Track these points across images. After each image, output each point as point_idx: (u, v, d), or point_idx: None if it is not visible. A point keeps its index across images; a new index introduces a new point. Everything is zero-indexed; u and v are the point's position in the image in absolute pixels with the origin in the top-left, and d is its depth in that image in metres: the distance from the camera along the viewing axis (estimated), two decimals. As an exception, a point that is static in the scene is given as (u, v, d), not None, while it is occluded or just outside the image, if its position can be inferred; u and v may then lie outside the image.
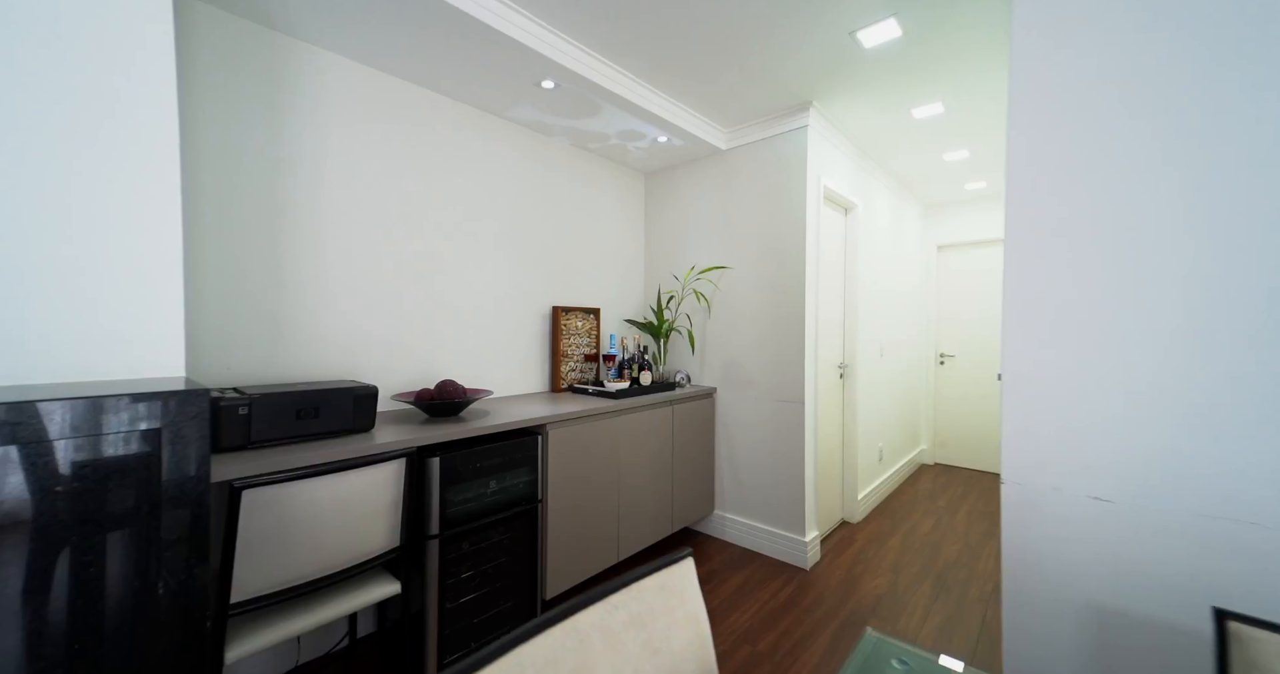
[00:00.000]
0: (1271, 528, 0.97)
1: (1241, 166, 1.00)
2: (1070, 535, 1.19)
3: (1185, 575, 1.05)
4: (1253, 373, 0.99)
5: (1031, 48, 1.24)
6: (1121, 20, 1.13)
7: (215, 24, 1.66)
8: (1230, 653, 0.64)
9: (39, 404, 0.88)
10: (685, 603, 0.81)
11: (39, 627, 0.91)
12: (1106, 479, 1.15)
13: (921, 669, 0.78)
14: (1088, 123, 1.17)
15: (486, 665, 0.58)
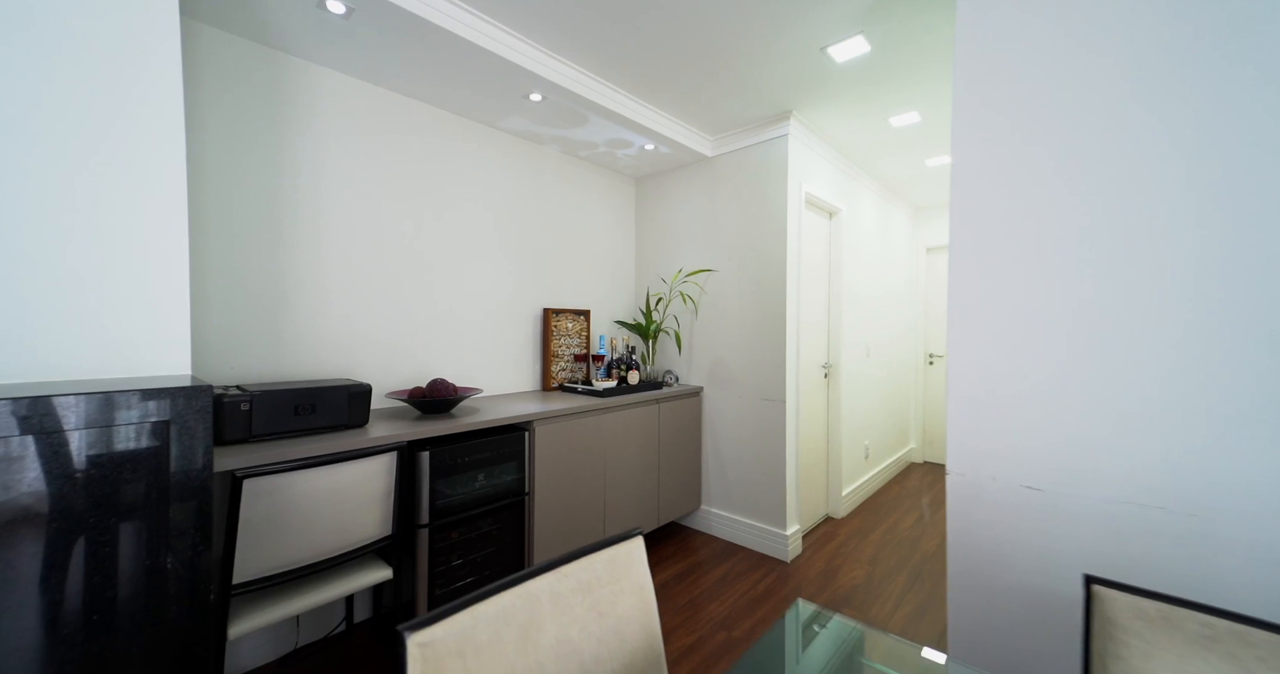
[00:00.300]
0: (1174, 511, 1.06)
1: (1159, 182, 1.09)
2: (1006, 521, 1.28)
3: (1103, 555, 1.14)
4: (1164, 374, 1.09)
5: (973, 65, 1.33)
6: (1056, 39, 1.22)
7: (217, 44, 1.77)
8: (1093, 610, 0.74)
9: (57, 399, 0.99)
10: (632, 574, 0.91)
11: (60, 600, 1.02)
12: (1037, 470, 1.24)
13: (835, 629, 0.88)
14: (1017, 144, 1.26)
15: (445, 618, 0.68)
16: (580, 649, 0.80)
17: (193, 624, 1.18)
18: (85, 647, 1.04)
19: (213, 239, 1.76)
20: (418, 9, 1.69)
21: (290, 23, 1.74)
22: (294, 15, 1.70)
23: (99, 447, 1.06)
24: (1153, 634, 0.69)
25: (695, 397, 3.07)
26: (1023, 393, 1.26)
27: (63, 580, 1.03)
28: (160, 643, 1.14)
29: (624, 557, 0.92)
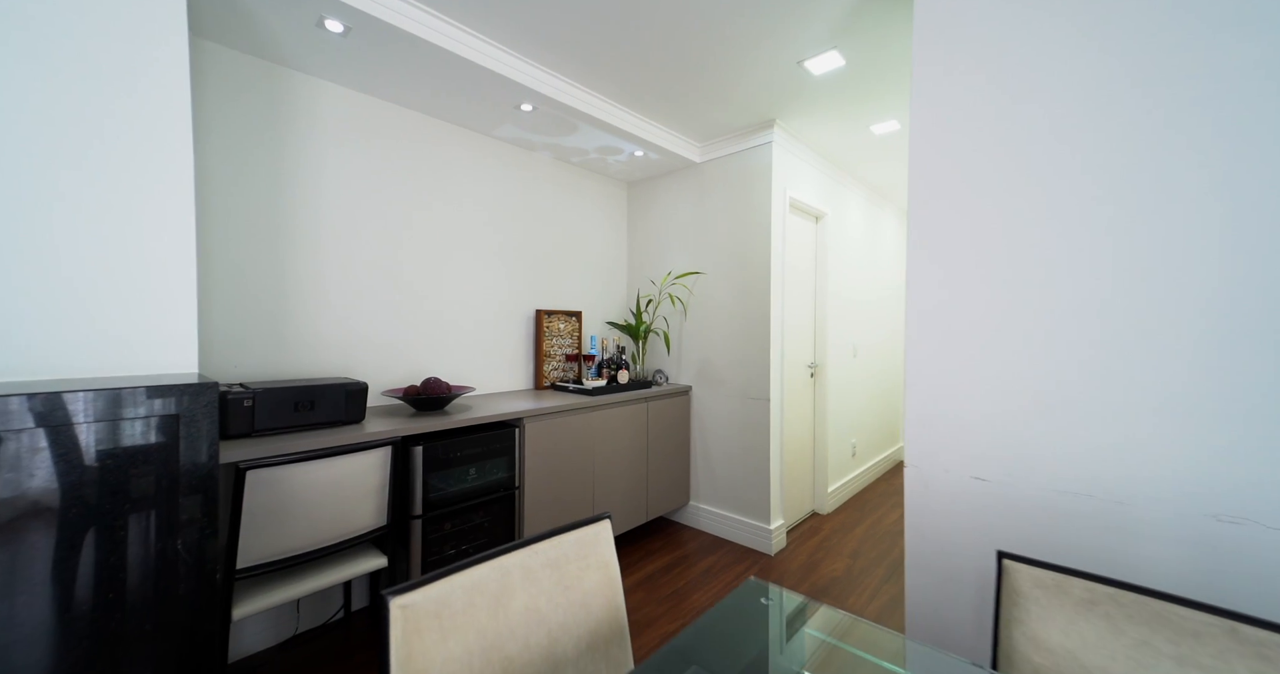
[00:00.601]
0: (1101, 498, 1.15)
1: (1096, 196, 1.19)
2: (956, 509, 1.37)
3: (1041, 539, 1.23)
4: (1091, 374, 1.18)
5: (928, 82, 1.43)
6: (1003, 64, 1.31)
7: (222, 60, 1.87)
8: (1003, 581, 0.83)
9: (79, 394, 1.09)
10: (599, 553, 1.01)
11: (78, 580, 1.12)
12: (984, 462, 1.34)
13: (781, 602, 0.97)
14: (969, 163, 1.36)
15: (424, 585, 0.78)
16: (548, 617, 0.90)
17: (200, 603, 1.27)
18: (102, 623, 1.14)
19: (217, 245, 1.86)
20: (411, 27, 1.78)
21: (291, 40, 1.84)
22: (294, 33, 1.80)
23: (114, 439, 1.15)
24: (1048, 600, 0.78)
25: (684, 395, 3.16)
26: (971, 391, 1.36)
27: (81, 562, 1.12)
28: (170, 620, 1.24)
29: (591, 537, 1.01)
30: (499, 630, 0.83)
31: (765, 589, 1.01)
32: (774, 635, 0.95)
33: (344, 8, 1.65)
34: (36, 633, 1.07)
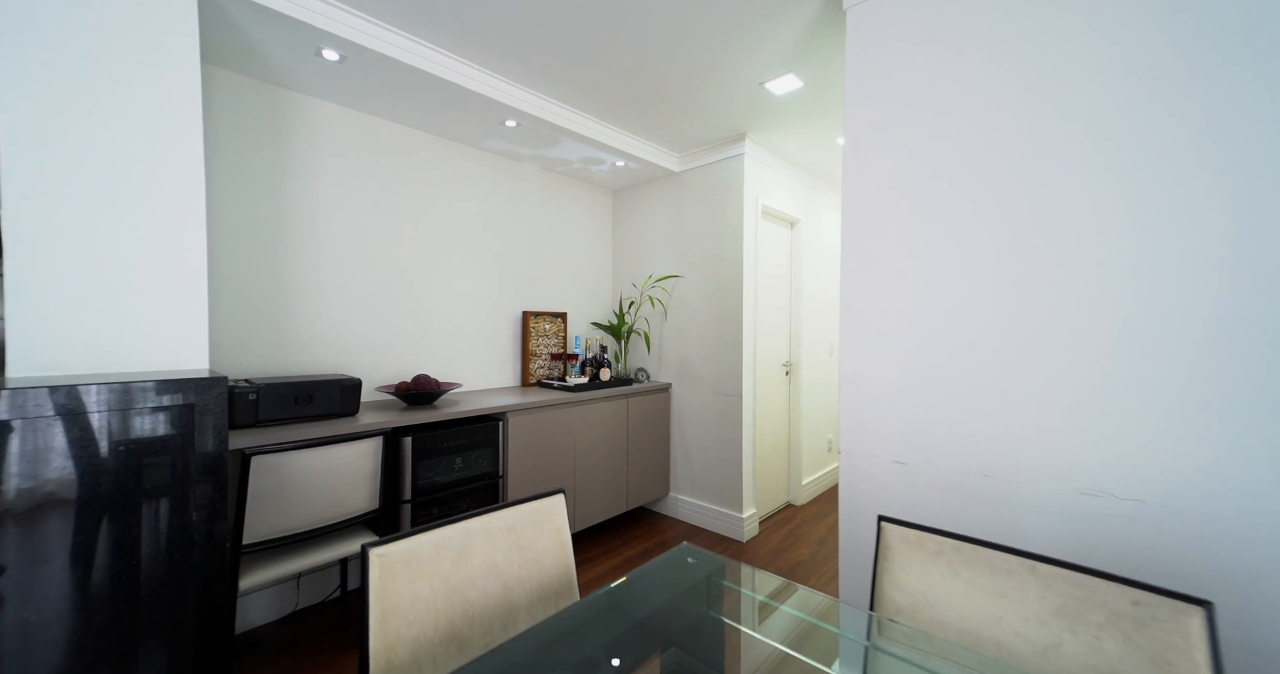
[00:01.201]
0: (994, 477, 1.33)
1: (988, 222, 1.36)
2: (881, 490, 1.55)
3: (949, 513, 1.41)
4: (986, 373, 1.35)
5: (857, 113, 1.60)
6: (913, 97, 1.49)
7: (230, 84, 2.05)
8: (880, 539, 1.01)
9: (108, 386, 1.27)
10: (552, 521, 1.18)
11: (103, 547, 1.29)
12: (903, 448, 1.51)
13: (705, 562, 1.15)
14: (890, 187, 1.53)
15: (397, 541, 0.95)
16: (504, 571, 1.07)
17: (211, 571, 1.45)
18: (127, 586, 1.32)
19: (226, 253, 2.04)
20: (401, 56, 1.96)
21: (292, 66, 2.02)
22: (295, 60, 1.98)
23: (138, 427, 1.33)
24: (909, 552, 0.96)
25: (664, 392, 3.34)
26: (891, 387, 1.53)
27: (111, 534, 1.30)
28: (185, 586, 1.42)
29: (546, 508, 1.19)
30: (460, 579, 1.01)
31: (692, 552, 1.19)
32: (694, 584, 1.12)
33: (339, 40, 1.83)
34: (75, 592, 1.24)
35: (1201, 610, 0.71)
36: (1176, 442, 1.11)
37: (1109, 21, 1.20)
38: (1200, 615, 0.71)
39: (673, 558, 1.18)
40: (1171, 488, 1.12)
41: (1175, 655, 0.71)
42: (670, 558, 1.18)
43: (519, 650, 0.87)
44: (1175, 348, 1.12)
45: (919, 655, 0.87)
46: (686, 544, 1.23)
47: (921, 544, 0.96)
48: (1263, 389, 1.03)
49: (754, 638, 1.00)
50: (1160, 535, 1.12)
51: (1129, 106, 1.17)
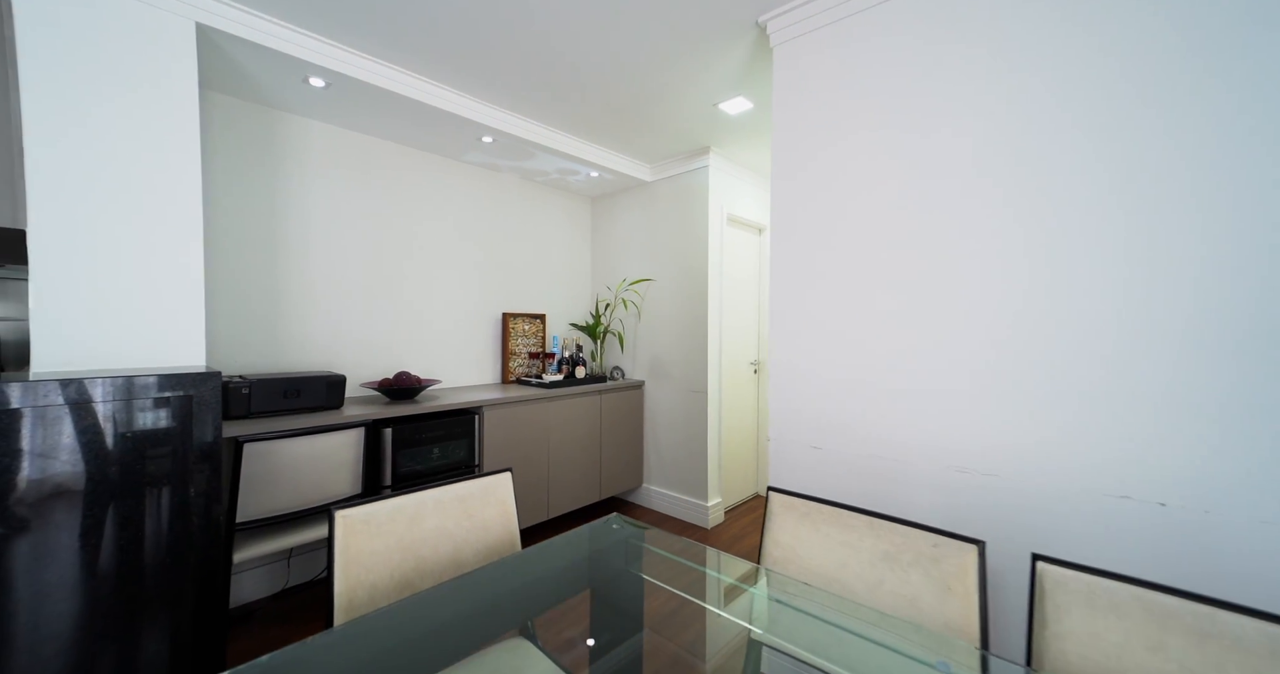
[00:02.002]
0: (888, 458, 1.53)
1: (889, 234, 1.56)
2: (800, 470, 1.75)
3: (856, 489, 1.61)
4: (884, 367, 1.55)
5: (782, 136, 1.80)
6: (826, 135, 1.69)
7: (225, 106, 2.25)
8: (767, 506, 1.21)
9: (117, 380, 1.47)
10: (498, 494, 1.38)
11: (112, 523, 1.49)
12: (818, 435, 1.71)
13: (627, 530, 1.35)
14: (808, 207, 1.73)
15: (358, 505, 1.15)
16: (453, 534, 1.27)
17: (209, 544, 1.65)
18: (133, 556, 1.51)
19: (221, 259, 2.24)
20: (380, 82, 2.16)
21: (282, 91, 2.22)
22: (285, 86, 2.18)
23: (142, 417, 1.53)
24: (783, 514, 1.16)
25: (638, 389, 3.54)
26: (810, 381, 1.73)
27: (120, 510, 1.50)
28: (186, 556, 1.61)
29: (493, 484, 1.39)
30: (414, 538, 1.21)
31: (618, 520, 1.39)
32: (613, 544, 1.32)
33: (323, 69, 2.03)
34: (80, 566, 1.44)
35: (976, 548, 0.91)
36: (1019, 428, 1.31)
37: (976, 78, 1.40)
38: (975, 552, 0.91)
39: (598, 526, 1.38)
40: (1018, 465, 1.32)
41: (954, 583, 0.91)
42: (596, 526, 1.38)
43: (461, 587, 1.07)
44: (1018, 353, 1.32)
45: (783, 595, 1.07)
46: (615, 514, 1.43)
47: (793, 507, 1.16)
48: (1074, 385, 1.23)
49: (656, 585, 1.20)
50: (1007, 503, 1.32)
51: (1001, 141, 1.37)
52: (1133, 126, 1.19)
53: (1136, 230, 1.18)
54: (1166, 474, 1.15)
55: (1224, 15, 1.09)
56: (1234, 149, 1.08)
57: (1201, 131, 1.11)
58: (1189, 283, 1.12)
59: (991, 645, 0.94)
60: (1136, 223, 1.18)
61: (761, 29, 1.85)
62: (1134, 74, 1.19)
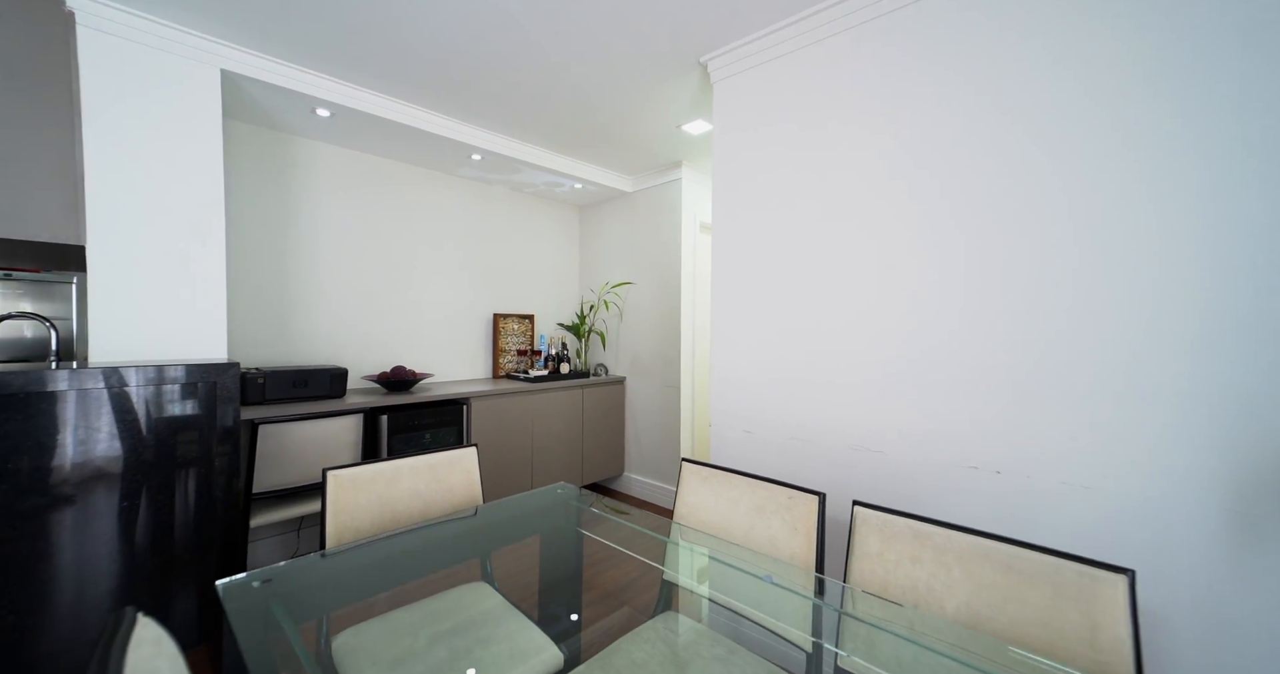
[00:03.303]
0: (803, 439, 1.79)
1: (804, 249, 1.82)
2: (735, 452, 2.01)
3: (779, 466, 1.87)
4: (799, 364, 1.81)
5: (721, 158, 2.07)
6: (756, 160, 1.96)
7: (245, 132, 2.57)
8: (680, 474, 1.47)
9: (155, 369, 1.78)
10: (463, 464, 1.67)
11: (140, 491, 1.80)
12: (751, 420, 1.97)
13: (566, 492, 1.63)
14: (740, 220, 2.00)
15: (345, 469, 1.45)
16: (424, 494, 1.56)
17: (230, 510, 1.96)
18: (164, 519, 1.82)
19: (241, 266, 2.56)
20: (377, 111, 2.47)
21: (293, 119, 2.54)
22: (296, 115, 2.49)
23: (174, 400, 1.84)
24: (691, 480, 1.43)
25: (619, 384, 3.82)
26: (743, 374, 1.99)
27: (155, 478, 1.81)
28: (210, 520, 1.92)
29: (460, 456, 1.68)
30: (391, 496, 1.50)
31: (563, 486, 1.67)
32: (557, 504, 1.60)
33: (328, 102, 2.34)
34: (120, 526, 1.75)
35: (816, 497, 1.18)
36: (900, 414, 1.57)
37: (869, 111, 1.66)
38: (816, 501, 1.17)
39: (548, 491, 1.66)
40: (899, 443, 1.57)
41: (800, 524, 1.17)
42: (547, 491, 1.66)
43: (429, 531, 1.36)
44: (899, 352, 1.57)
45: (687, 542, 1.34)
46: (561, 482, 1.71)
47: (697, 473, 1.43)
48: (938, 378, 1.48)
49: (590, 536, 1.47)
50: (891, 474, 1.58)
51: (885, 171, 1.63)
52: (982, 139, 1.44)
53: (974, 248, 1.44)
54: (1001, 449, 1.40)
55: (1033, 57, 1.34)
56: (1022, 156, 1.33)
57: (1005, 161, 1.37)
58: (1017, 299, 1.37)
59: (826, 570, 1.20)
60: (976, 242, 1.44)
61: (704, 68, 2.12)
62: (1003, 101, 1.45)
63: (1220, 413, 1.11)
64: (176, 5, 1.77)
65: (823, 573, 1.17)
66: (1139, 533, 1.20)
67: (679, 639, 1.22)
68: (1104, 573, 0.82)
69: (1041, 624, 0.86)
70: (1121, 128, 1.24)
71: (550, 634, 1.22)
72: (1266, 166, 1.08)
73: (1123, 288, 1.24)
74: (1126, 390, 1.22)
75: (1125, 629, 0.78)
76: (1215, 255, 1.13)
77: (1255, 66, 1.09)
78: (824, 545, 1.18)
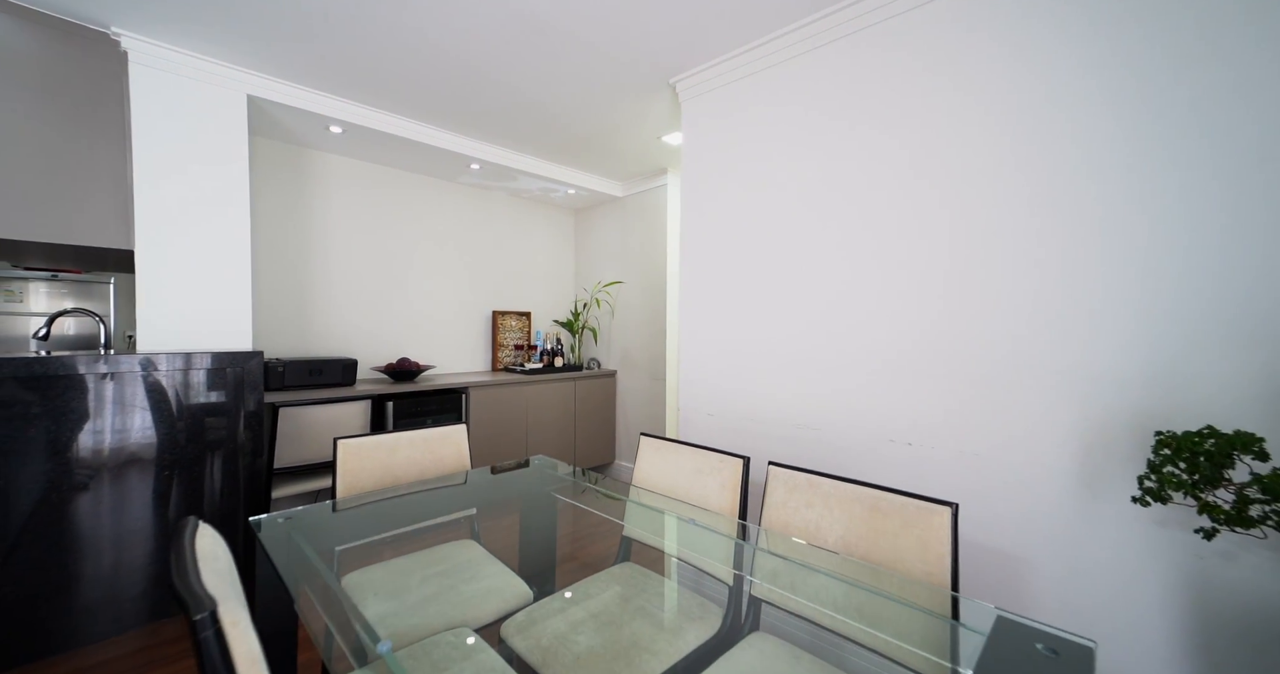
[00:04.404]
0: (758, 420, 2.02)
1: (756, 253, 2.05)
2: (698, 433, 2.25)
3: (738, 444, 2.10)
4: (754, 357, 2.05)
5: (690, 169, 2.31)
6: (719, 170, 2.19)
7: (266, 148, 2.86)
8: (639, 447, 1.72)
9: (193, 355, 2.06)
10: (454, 439, 1.92)
11: (174, 465, 2.08)
12: (712, 406, 2.21)
13: (543, 463, 1.88)
14: (705, 227, 2.24)
15: (355, 439, 1.71)
16: (419, 462, 1.82)
17: (254, 479, 2.24)
18: (197, 491, 2.10)
19: (264, 267, 2.85)
20: (383, 127, 2.74)
21: (309, 135, 2.82)
22: (312, 131, 2.77)
23: (210, 382, 2.12)
24: (646, 450, 1.67)
25: (610, 377, 4.06)
26: (706, 365, 2.23)
27: (189, 450, 2.09)
28: (236, 489, 2.20)
29: (451, 431, 1.93)
30: (391, 463, 1.76)
31: (542, 458, 1.92)
32: (536, 473, 1.85)
33: (340, 121, 2.61)
34: (154, 496, 2.03)
35: (741, 461, 1.41)
36: (832, 398, 1.80)
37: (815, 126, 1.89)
38: (741, 464, 1.41)
39: (532, 463, 1.91)
40: (832, 422, 1.80)
41: (728, 483, 1.41)
42: (531, 464, 1.91)
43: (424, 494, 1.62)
44: (828, 343, 1.80)
45: (643, 501, 1.58)
46: (541, 456, 1.96)
47: (652, 445, 1.68)
48: (861, 365, 1.71)
49: (567, 502, 1.72)
50: (826, 446, 1.81)
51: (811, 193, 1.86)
52: (882, 161, 1.67)
53: (884, 253, 1.66)
54: (912, 424, 1.62)
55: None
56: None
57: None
58: (927, 301, 1.60)
59: (748, 518, 1.43)
60: (885, 249, 1.66)
61: (673, 88, 2.36)
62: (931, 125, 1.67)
63: (1074, 392, 1.33)
64: (210, 40, 2.05)
65: (745, 520, 1.41)
66: (1013, 491, 1.42)
67: (631, 580, 1.47)
68: (935, 506, 1.05)
69: (891, 547, 1.09)
70: (1001, 150, 1.47)
71: (524, 577, 1.47)
72: (1100, 181, 1.30)
73: (1007, 291, 1.46)
74: (1008, 375, 1.44)
75: (946, 547, 1.01)
76: (1067, 259, 1.35)
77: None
78: (747, 498, 1.41)
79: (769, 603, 1.21)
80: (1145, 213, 1.25)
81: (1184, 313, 1.20)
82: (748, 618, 1.25)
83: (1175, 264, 1.21)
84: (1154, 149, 1.24)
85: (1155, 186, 1.24)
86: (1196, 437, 1.02)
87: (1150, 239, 1.25)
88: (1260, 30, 1.13)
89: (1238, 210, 1.14)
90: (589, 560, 1.74)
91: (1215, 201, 1.17)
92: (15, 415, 1.71)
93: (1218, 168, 1.17)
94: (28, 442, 1.73)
